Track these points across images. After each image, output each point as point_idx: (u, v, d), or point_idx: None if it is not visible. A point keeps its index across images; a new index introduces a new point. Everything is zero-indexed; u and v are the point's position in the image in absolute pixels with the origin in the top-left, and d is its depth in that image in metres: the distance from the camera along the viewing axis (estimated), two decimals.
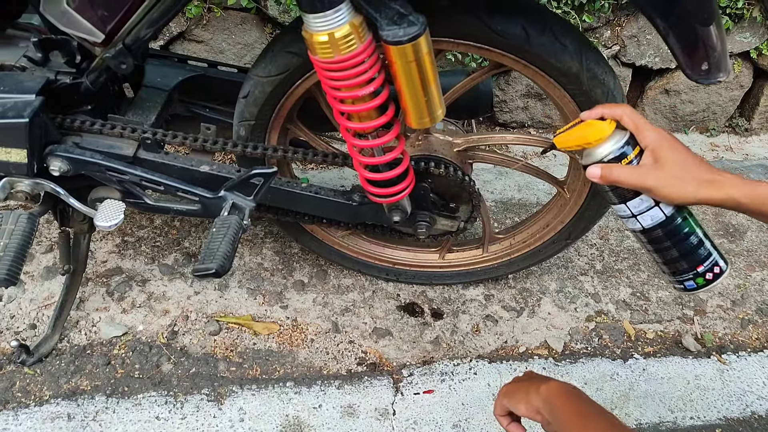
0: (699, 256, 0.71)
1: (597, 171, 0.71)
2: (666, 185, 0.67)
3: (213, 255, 0.94)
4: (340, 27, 0.77)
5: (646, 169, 0.69)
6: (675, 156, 0.67)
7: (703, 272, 0.71)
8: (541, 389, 0.75)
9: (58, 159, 1.04)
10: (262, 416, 1.20)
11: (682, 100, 2.15)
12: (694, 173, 0.67)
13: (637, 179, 0.69)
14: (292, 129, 1.17)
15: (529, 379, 0.81)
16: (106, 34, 0.93)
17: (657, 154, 0.68)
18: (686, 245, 0.71)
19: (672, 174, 0.67)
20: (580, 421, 0.70)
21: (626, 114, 0.71)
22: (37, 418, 1.17)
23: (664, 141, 0.68)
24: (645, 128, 0.70)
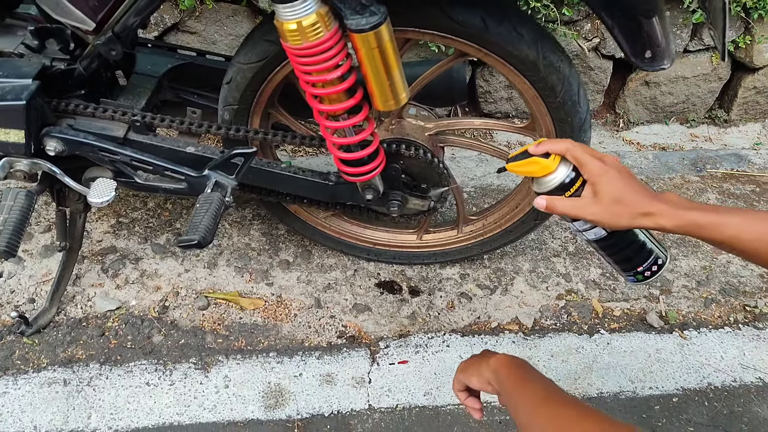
0: (638, 259, 0.78)
1: (542, 202, 0.77)
2: (602, 218, 0.73)
3: (196, 228, 1.02)
4: (308, 16, 0.85)
5: (586, 202, 0.74)
6: (612, 190, 0.72)
7: (642, 271, 0.79)
8: (491, 362, 0.81)
9: (54, 140, 1.12)
10: (245, 383, 1.29)
11: (662, 92, 2.21)
12: (629, 206, 0.71)
13: (577, 211, 0.75)
14: (273, 113, 1.24)
15: (481, 356, 0.87)
16: (96, 22, 1.00)
17: (595, 188, 0.73)
18: (628, 251, 0.78)
19: (607, 207, 0.72)
20: (521, 387, 0.76)
21: (569, 150, 0.75)
22: (35, 383, 1.26)
23: (603, 176, 0.73)
24: (585, 162, 0.74)
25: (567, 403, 0.70)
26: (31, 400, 1.23)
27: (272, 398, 1.26)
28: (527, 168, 0.77)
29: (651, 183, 1.90)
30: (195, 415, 1.23)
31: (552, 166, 0.75)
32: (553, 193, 0.76)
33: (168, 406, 1.24)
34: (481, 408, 0.87)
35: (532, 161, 0.76)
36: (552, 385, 0.77)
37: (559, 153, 0.76)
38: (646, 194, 0.72)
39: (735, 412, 1.29)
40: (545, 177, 0.76)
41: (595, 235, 0.77)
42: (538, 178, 0.77)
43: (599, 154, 0.75)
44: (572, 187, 0.75)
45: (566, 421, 0.66)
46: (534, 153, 0.76)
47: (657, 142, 2.17)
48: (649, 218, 0.71)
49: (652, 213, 0.70)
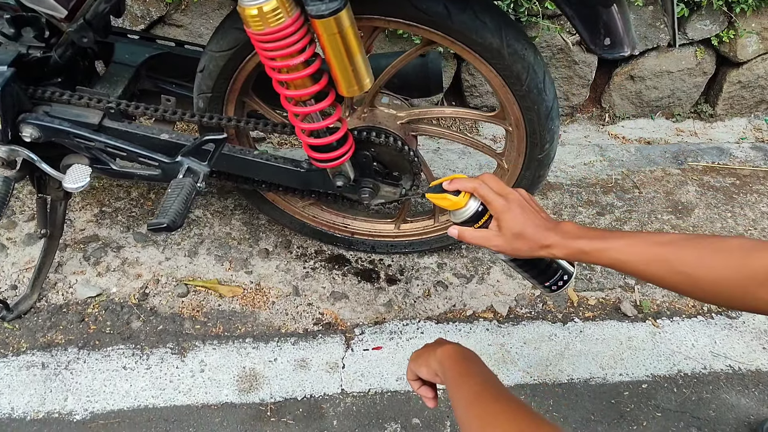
0: (546, 276, 0.86)
1: (454, 231, 0.84)
2: (505, 249, 0.80)
3: (166, 212, 1.04)
4: (268, 2, 0.86)
5: (491, 234, 0.81)
6: (513, 225, 0.78)
7: (549, 285, 0.86)
8: (437, 352, 0.84)
9: (30, 126, 1.14)
10: (221, 368, 1.31)
11: (647, 86, 2.22)
12: (528, 241, 0.78)
13: (483, 242, 0.82)
14: (248, 102, 1.26)
15: (432, 345, 0.88)
16: (68, 10, 1.03)
17: (499, 222, 0.80)
18: (536, 270, 0.85)
19: (509, 242, 0.79)
20: (460, 380, 0.78)
21: (475, 189, 0.82)
22: (13, 366, 1.28)
23: (506, 212, 0.79)
24: (490, 200, 0.80)
25: (498, 400, 0.71)
26: (9, 382, 1.25)
27: (246, 382, 1.28)
28: (441, 201, 0.84)
29: (631, 175, 1.91)
30: (170, 398, 1.25)
31: (461, 202, 0.82)
32: (465, 224, 0.83)
33: (144, 389, 1.26)
34: (435, 397, 0.88)
35: (444, 197, 0.83)
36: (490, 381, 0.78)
37: (467, 191, 0.82)
38: (543, 228, 0.79)
39: (703, 399, 1.30)
40: (457, 210, 0.83)
41: (505, 256, 0.85)
42: (452, 209, 0.84)
43: (506, 190, 0.81)
44: (481, 220, 0.82)
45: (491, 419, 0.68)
46: (447, 189, 0.84)
47: (642, 137, 2.18)
48: (546, 250, 0.78)
49: (547, 245, 0.78)
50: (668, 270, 0.70)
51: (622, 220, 1.73)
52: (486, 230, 0.81)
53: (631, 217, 1.74)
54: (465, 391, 0.76)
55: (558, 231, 0.78)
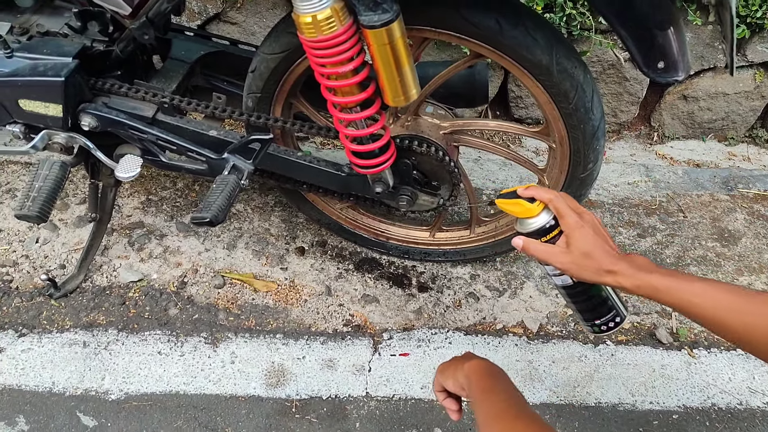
0: (599, 312, 0.82)
1: (519, 242, 0.82)
2: (570, 268, 0.77)
3: (209, 206, 1.07)
4: (322, 10, 0.88)
5: (558, 251, 0.78)
6: (582, 245, 0.76)
7: (599, 324, 0.83)
8: (465, 366, 0.84)
9: (89, 116, 1.19)
10: (250, 360, 1.34)
11: (700, 107, 2.16)
12: (596, 263, 0.76)
13: (548, 257, 0.79)
14: (295, 104, 1.29)
15: (461, 358, 0.89)
16: (133, 7, 1.07)
17: (569, 240, 0.77)
18: (590, 303, 0.82)
19: (576, 261, 0.77)
20: (484, 396, 0.79)
21: (551, 200, 0.80)
22: (57, 343, 1.34)
23: (578, 230, 0.77)
24: (565, 215, 0.79)
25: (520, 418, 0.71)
26: (52, 358, 1.31)
27: (274, 377, 1.31)
28: (513, 207, 0.82)
29: (677, 198, 1.86)
30: (200, 386, 1.29)
31: (534, 211, 0.80)
32: (531, 236, 0.81)
33: (176, 375, 1.30)
34: (460, 410, 0.88)
35: (518, 203, 0.81)
36: (514, 399, 0.78)
37: (543, 201, 0.81)
38: (613, 254, 0.77)
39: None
40: (527, 219, 0.81)
41: (562, 281, 0.82)
42: (520, 218, 0.82)
43: (580, 209, 0.79)
44: (549, 234, 0.80)
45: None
46: (521, 195, 0.82)
47: (691, 158, 2.12)
48: (611, 276, 0.75)
49: (614, 271, 0.75)
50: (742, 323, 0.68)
51: (663, 244, 1.69)
52: (552, 246, 0.79)
53: (673, 242, 1.70)
54: (488, 407, 0.76)
55: (628, 261, 0.75)
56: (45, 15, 1.22)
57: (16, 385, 1.26)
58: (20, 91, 1.14)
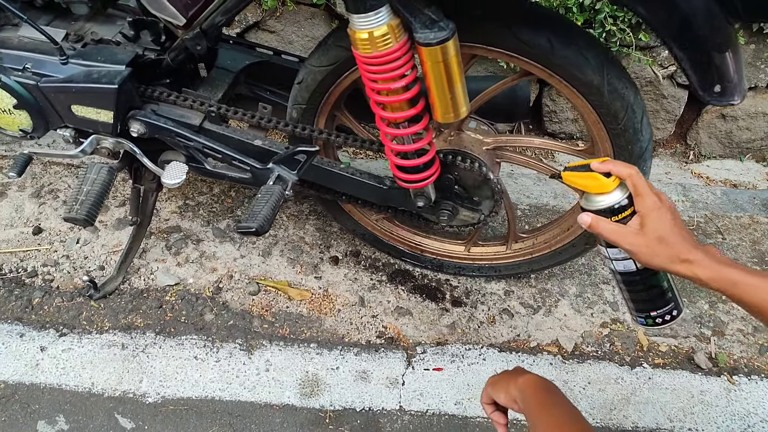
0: (656, 304, 0.78)
1: (587, 219, 0.78)
2: (640, 252, 0.73)
3: (255, 216, 1.09)
4: (379, 27, 0.89)
5: (629, 232, 0.74)
6: (658, 227, 0.72)
7: (654, 317, 0.79)
8: (519, 380, 0.83)
9: (138, 122, 1.22)
10: (285, 369, 1.34)
11: (738, 127, 2.13)
12: (671, 249, 0.72)
13: (618, 238, 0.75)
14: (338, 116, 1.30)
15: (512, 372, 0.88)
16: (187, 18, 1.09)
17: (644, 221, 0.73)
18: (648, 293, 0.78)
19: (649, 244, 0.72)
20: (543, 410, 0.78)
21: (631, 176, 0.76)
22: (96, 344, 1.36)
23: (655, 211, 0.73)
24: (643, 194, 0.74)
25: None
26: (92, 358, 1.33)
27: (308, 387, 1.31)
28: (584, 181, 0.77)
29: (715, 220, 1.83)
30: (235, 392, 1.29)
31: (609, 186, 0.75)
32: (600, 214, 0.76)
33: (212, 381, 1.31)
34: (506, 424, 0.88)
35: (592, 176, 0.76)
36: (574, 413, 0.78)
37: (621, 177, 0.76)
38: (689, 242, 0.73)
39: None
40: (597, 196, 0.76)
41: (624, 267, 0.78)
42: (589, 194, 0.78)
43: (657, 191, 0.75)
44: (621, 214, 0.75)
45: None
46: (596, 169, 0.77)
47: (728, 178, 2.08)
48: (686, 265, 0.71)
49: (690, 260, 0.71)
50: None
51: None
52: (624, 226, 0.74)
53: None
54: (549, 421, 0.76)
55: (705, 251, 0.72)
56: (98, 23, 1.25)
57: (57, 385, 1.28)
58: (74, 97, 1.17)
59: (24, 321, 1.40)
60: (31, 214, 1.65)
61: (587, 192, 0.78)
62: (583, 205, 0.79)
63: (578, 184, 0.78)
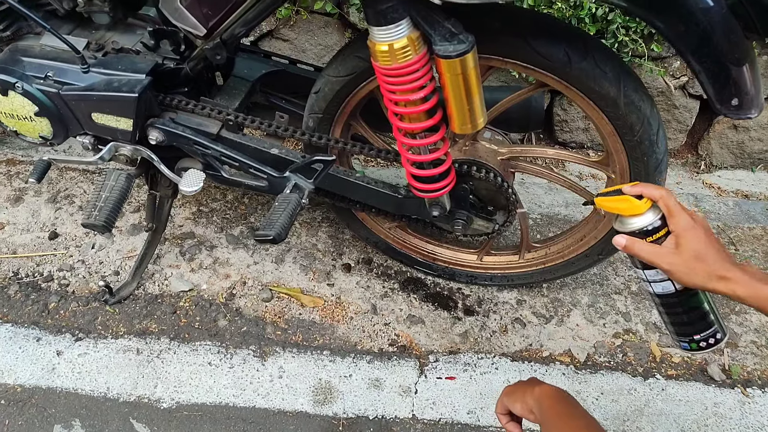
0: (699, 327, 0.78)
1: (622, 241, 0.79)
2: (678, 271, 0.74)
3: (273, 224, 1.10)
4: (399, 39, 0.90)
5: (666, 252, 0.75)
6: (695, 247, 0.73)
7: (698, 340, 0.78)
8: (536, 390, 0.83)
9: (156, 130, 1.23)
10: (298, 376, 1.35)
11: (750, 137, 2.12)
12: (708, 266, 0.72)
13: (655, 258, 0.76)
14: (354, 125, 1.31)
15: (528, 383, 0.89)
16: (207, 29, 1.11)
17: (679, 240, 0.74)
18: (690, 316, 0.78)
19: (686, 263, 0.73)
20: (561, 421, 0.78)
21: (662, 198, 0.77)
22: (112, 348, 1.37)
23: (690, 230, 0.74)
24: (677, 214, 0.75)
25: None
26: (107, 363, 1.34)
27: (321, 394, 1.32)
28: (617, 204, 0.78)
29: (728, 231, 1.83)
30: (249, 399, 1.30)
31: (642, 208, 0.77)
32: (634, 236, 0.77)
33: (226, 387, 1.32)
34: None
35: (625, 199, 0.78)
36: (592, 425, 0.78)
37: (652, 199, 0.78)
38: (726, 259, 0.73)
39: None
40: (631, 218, 0.78)
41: (662, 289, 0.78)
42: (623, 217, 0.79)
43: (689, 210, 0.76)
44: (655, 235, 0.76)
45: None
46: (627, 193, 0.79)
47: (740, 189, 2.08)
48: (724, 283, 0.71)
49: (728, 278, 0.71)
50: None
51: None
52: (659, 246, 0.75)
53: None
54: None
55: (743, 269, 0.72)
56: (119, 32, 1.27)
57: (73, 389, 1.29)
58: (95, 104, 1.18)
59: (40, 325, 1.42)
60: (48, 219, 1.67)
61: (621, 215, 0.79)
62: (617, 227, 0.80)
63: (611, 207, 0.79)
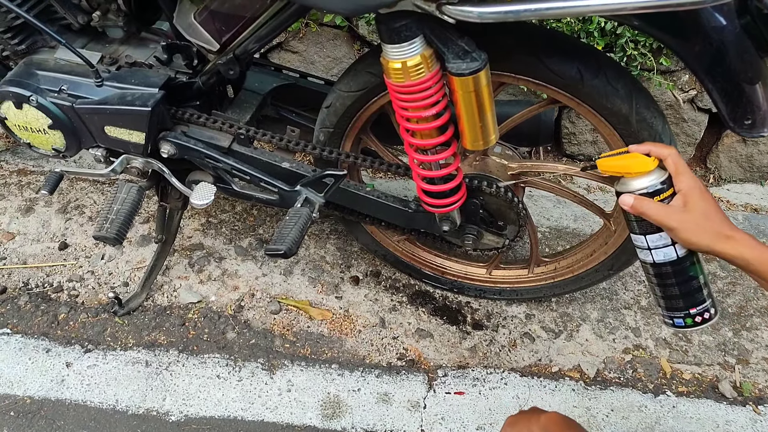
0: (695, 300, 0.78)
1: (630, 200, 0.79)
2: (687, 229, 0.74)
3: (283, 239, 1.10)
4: (413, 57, 0.91)
5: (674, 210, 0.75)
6: (703, 205, 0.74)
7: (694, 314, 0.78)
8: (541, 419, 0.82)
9: (168, 143, 1.24)
10: (306, 390, 1.35)
11: (759, 151, 2.12)
12: (716, 226, 0.73)
13: (663, 216, 0.76)
14: (364, 139, 1.31)
15: (531, 411, 0.88)
16: (220, 44, 1.12)
17: (687, 199, 0.74)
18: (687, 287, 0.78)
19: (695, 221, 0.73)
20: None
21: (671, 156, 0.78)
22: (121, 360, 1.38)
23: (697, 189, 0.75)
24: (684, 173, 0.76)
25: None
26: (116, 375, 1.34)
27: (330, 408, 1.32)
28: (624, 162, 0.77)
29: None
30: (258, 412, 1.30)
31: (652, 165, 0.76)
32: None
33: (234, 400, 1.32)
34: None
35: (633, 156, 0.77)
36: None
37: (661, 157, 0.77)
38: (730, 222, 0.75)
39: None
40: (636, 179, 0.77)
41: (664, 256, 0.77)
42: (627, 178, 0.78)
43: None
44: (662, 194, 0.75)
45: None
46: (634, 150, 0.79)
47: (749, 203, 2.07)
48: (731, 242, 0.72)
49: (735, 238, 0.72)
50: None
51: (724, 292, 1.65)
52: (669, 205, 0.75)
53: (734, 290, 1.66)
54: None
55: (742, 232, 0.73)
56: (133, 46, 1.28)
57: (82, 401, 1.29)
58: (108, 118, 1.19)
59: (50, 336, 1.42)
60: (58, 229, 1.67)
61: (626, 176, 0.78)
62: (619, 189, 0.79)
63: (618, 166, 0.78)
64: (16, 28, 1.23)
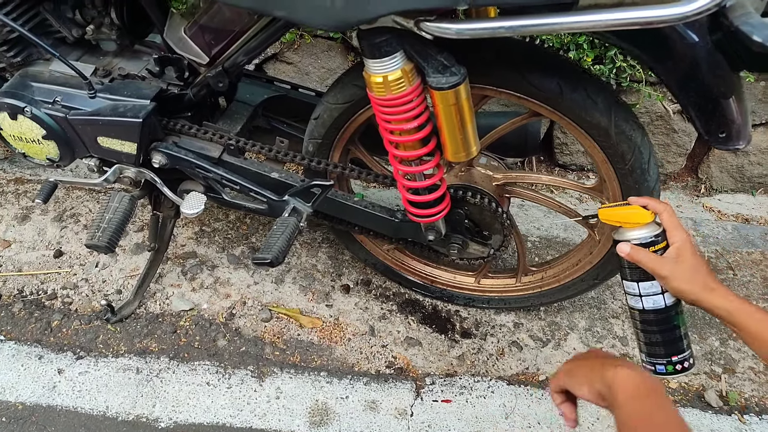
0: (677, 348, 0.83)
1: (626, 248, 0.85)
2: (678, 278, 0.80)
3: (270, 248, 1.12)
4: (393, 71, 0.93)
5: (667, 261, 0.82)
6: (693, 260, 0.81)
7: (675, 362, 0.82)
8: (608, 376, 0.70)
9: (160, 154, 1.26)
10: (295, 397, 1.36)
11: (750, 162, 2.14)
12: (703, 279, 0.80)
13: (657, 266, 0.82)
14: (352, 150, 1.33)
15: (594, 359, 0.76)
16: (210, 57, 1.14)
17: (680, 253, 0.82)
18: (671, 335, 0.83)
19: (686, 272, 0.81)
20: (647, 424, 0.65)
21: (665, 212, 0.85)
22: (112, 367, 1.39)
23: (688, 245, 0.82)
24: (677, 228, 0.84)
25: None
26: (107, 382, 1.36)
27: (318, 415, 1.33)
28: (625, 212, 0.84)
29: (726, 255, 1.83)
30: (246, 419, 1.31)
31: (650, 218, 0.82)
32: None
33: (223, 407, 1.33)
34: (576, 419, 0.78)
35: (633, 208, 0.84)
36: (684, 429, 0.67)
37: (657, 211, 0.84)
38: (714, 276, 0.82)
39: None
40: (633, 230, 0.83)
41: (653, 303, 0.82)
42: (625, 228, 0.84)
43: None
44: (656, 245, 0.82)
45: None
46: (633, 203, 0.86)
47: (740, 213, 2.09)
48: (715, 295, 0.79)
49: (718, 291, 0.80)
50: None
51: None
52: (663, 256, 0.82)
53: None
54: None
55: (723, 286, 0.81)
56: (125, 58, 1.31)
57: (73, 407, 1.31)
58: (100, 129, 1.22)
59: (43, 343, 1.44)
60: (53, 237, 1.70)
61: (625, 226, 0.84)
62: (617, 237, 0.85)
63: (619, 216, 0.84)
64: (11, 41, 1.25)
